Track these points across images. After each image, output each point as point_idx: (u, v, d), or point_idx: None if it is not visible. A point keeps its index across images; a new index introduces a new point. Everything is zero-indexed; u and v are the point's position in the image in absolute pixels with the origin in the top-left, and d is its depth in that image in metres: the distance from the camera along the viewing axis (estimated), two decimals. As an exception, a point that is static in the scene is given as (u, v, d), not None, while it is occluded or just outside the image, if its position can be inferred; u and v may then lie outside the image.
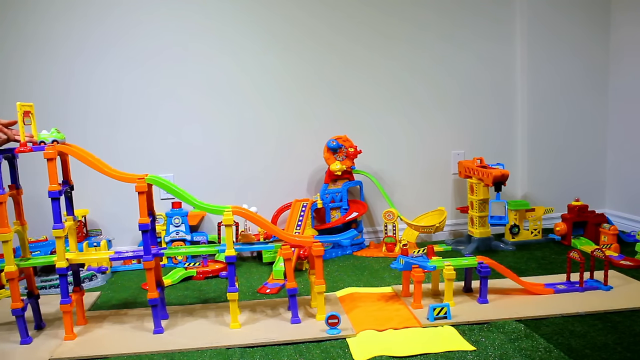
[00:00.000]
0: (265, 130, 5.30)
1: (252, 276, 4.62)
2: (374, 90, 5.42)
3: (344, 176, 5.25)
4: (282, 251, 3.55)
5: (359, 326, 3.47)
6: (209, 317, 3.75)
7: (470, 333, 3.35)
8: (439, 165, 5.59)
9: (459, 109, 5.57)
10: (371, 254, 5.09)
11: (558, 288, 3.95)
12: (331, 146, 5.16)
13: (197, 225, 5.26)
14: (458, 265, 3.83)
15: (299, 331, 3.44)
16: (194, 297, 4.20)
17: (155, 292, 3.50)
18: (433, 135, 5.55)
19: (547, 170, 5.67)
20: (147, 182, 3.46)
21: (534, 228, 5.27)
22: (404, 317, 3.60)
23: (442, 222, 5.02)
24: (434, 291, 4.02)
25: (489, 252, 4.98)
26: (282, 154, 5.34)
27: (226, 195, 5.27)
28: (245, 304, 3.96)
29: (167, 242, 4.92)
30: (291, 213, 5.02)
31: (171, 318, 3.75)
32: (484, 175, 4.91)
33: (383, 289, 4.16)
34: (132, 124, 5.11)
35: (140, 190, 3.42)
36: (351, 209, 5.25)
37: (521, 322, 3.46)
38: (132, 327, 3.64)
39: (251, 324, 3.59)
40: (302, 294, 4.10)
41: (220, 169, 5.27)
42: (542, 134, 5.61)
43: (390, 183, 5.53)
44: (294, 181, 5.38)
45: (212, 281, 4.56)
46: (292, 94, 5.31)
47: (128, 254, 3.59)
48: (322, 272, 3.57)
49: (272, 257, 4.92)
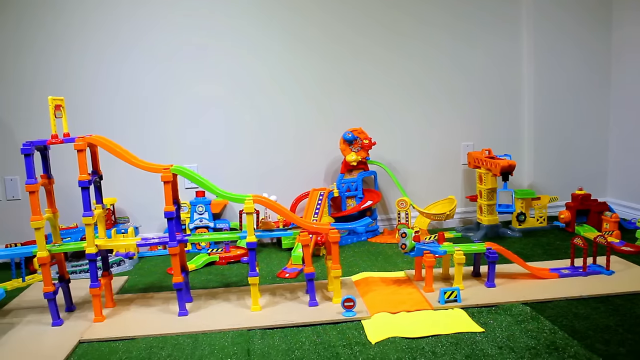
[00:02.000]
0: (285, 123, 5.28)
1: (272, 261, 4.61)
2: (388, 85, 5.39)
3: (359, 166, 5.23)
4: (301, 238, 3.54)
5: (373, 309, 3.46)
6: (231, 300, 3.74)
7: (479, 315, 3.33)
8: (449, 156, 5.56)
9: (469, 103, 5.53)
10: (385, 241, 5.06)
11: (562, 272, 3.92)
12: (347, 138, 5.13)
13: (219, 213, 5.25)
14: (467, 250, 3.80)
15: (317, 313, 3.43)
16: (217, 281, 4.20)
17: (180, 276, 3.49)
18: (444, 128, 5.52)
19: (552, 161, 5.63)
20: (172, 172, 3.46)
21: (540, 216, 5.24)
22: (416, 300, 3.58)
23: (452, 210, 4.99)
24: (445, 275, 4.00)
25: (497, 239, 4.95)
26: (300, 146, 5.32)
27: (247, 184, 5.26)
28: (265, 287, 3.95)
29: (191, 229, 4.92)
30: (309, 202, 5.01)
31: (195, 301, 3.74)
32: (492, 165, 4.88)
33: (396, 274, 4.14)
34: (158, 117, 5.10)
35: (165, 180, 3.41)
36: (366, 198, 5.23)
37: (527, 305, 3.43)
38: (158, 309, 3.64)
39: (271, 306, 3.58)
40: (319, 278, 4.09)
41: (242, 160, 5.25)
42: (547, 126, 5.57)
43: (403, 173, 5.50)
44: (311, 171, 5.36)
45: (233, 266, 4.55)
46: (310, 89, 5.28)
47: (154, 240, 3.59)
48: (338, 257, 3.56)
49: (291, 243, 4.91)
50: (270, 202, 3.59)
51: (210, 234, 3.70)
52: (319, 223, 4.13)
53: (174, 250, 3.46)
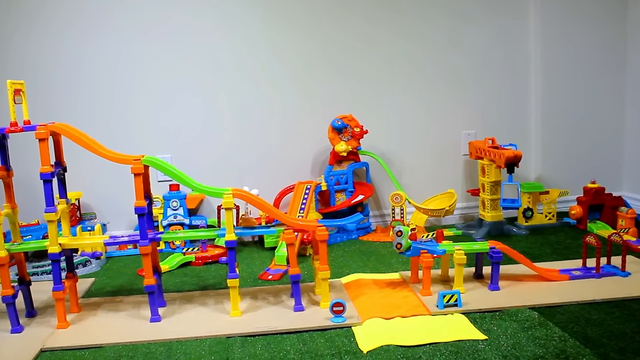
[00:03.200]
0: (268, 110, 5.27)
1: (254, 262, 4.62)
2: (381, 68, 5.39)
3: (349, 157, 5.23)
4: (285, 236, 3.54)
5: (365, 314, 3.46)
6: (208, 304, 3.74)
7: (481, 321, 3.34)
8: (448, 145, 5.57)
9: (470, 87, 5.54)
10: (378, 239, 5.08)
11: (573, 274, 3.94)
12: (336, 126, 5.13)
13: (195, 209, 5.25)
14: (469, 250, 3.81)
15: (303, 319, 3.44)
16: (193, 283, 4.20)
17: (152, 278, 3.49)
18: (443, 115, 5.53)
19: (561, 151, 5.65)
20: (144, 164, 3.46)
21: (548, 211, 5.26)
22: (412, 305, 3.59)
23: (452, 205, 5.01)
24: (444, 277, 4.01)
25: (501, 237, 4.97)
26: (284, 134, 5.32)
27: (226, 177, 5.26)
28: (246, 290, 3.96)
29: (164, 226, 4.92)
30: (294, 196, 5.01)
31: (169, 306, 3.75)
32: (495, 156, 4.89)
33: (390, 275, 4.16)
34: (127, 102, 5.08)
35: (136, 172, 3.41)
36: (357, 192, 5.23)
37: (535, 309, 3.45)
38: (127, 315, 3.63)
39: (252, 311, 3.59)
40: (305, 281, 4.10)
41: (220, 150, 5.25)
42: (557, 112, 5.58)
43: (397, 164, 5.51)
44: (297, 162, 5.36)
45: (211, 267, 4.55)
46: (296, 72, 5.28)
47: (123, 238, 3.59)
48: (327, 257, 3.56)
49: (274, 242, 4.91)
50: (252, 197, 3.59)
51: (186, 231, 3.70)
52: (305, 219, 4.13)
53: (145, 250, 3.46)
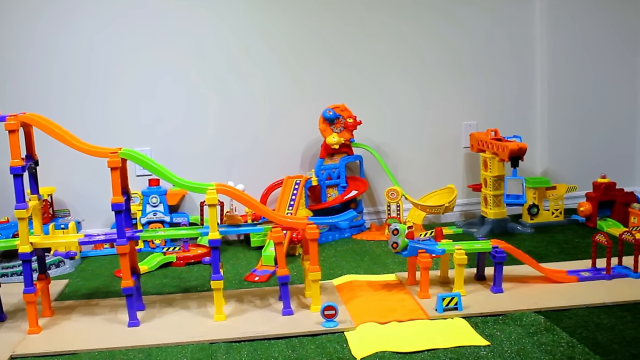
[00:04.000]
0: (254, 99, 5.27)
1: (239, 262, 4.62)
2: (376, 54, 5.39)
3: (341, 150, 5.23)
4: (273, 234, 3.54)
5: (358, 318, 3.47)
6: (190, 308, 3.74)
7: (483, 326, 3.35)
8: (448, 137, 5.58)
9: (472, 75, 5.54)
10: (372, 238, 5.08)
11: (582, 275, 3.94)
12: (327, 116, 5.13)
13: (177, 205, 5.25)
14: (470, 249, 3.81)
15: (292, 324, 3.44)
16: (174, 285, 4.20)
17: (130, 280, 3.49)
18: (442, 104, 5.53)
19: (569, 143, 5.65)
20: (121, 157, 3.45)
21: (555, 208, 5.26)
22: (409, 308, 3.60)
23: (452, 201, 5.01)
24: (443, 279, 4.01)
25: (505, 235, 4.98)
26: (272, 125, 5.32)
27: (210, 171, 5.25)
28: (231, 293, 3.95)
29: (143, 224, 4.92)
30: (282, 191, 5.00)
31: (148, 309, 3.74)
32: (499, 148, 4.89)
33: (386, 277, 4.16)
34: (103, 91, 5.07)
35: (113, 166, 3.40)
36: (350, 187, 5.24)
37: (541, 313, 3.45)
38: (104, 319, 3.63)
39: (237, 315, 3.59)
40: (294, 282, 4.10)
41: (203, 142, 5.24)
42: (565, 102, 5.59)
43: (393, 158, 5.52)
44: (285, 156, 5.36)
45: (193, 268, 4.55)
46: (284, 57, 5.27)
47: (99, 237, 3.58)
48: (317, 257, 3.57)
49: (261, 241, 4.90)
50: (237, 192, 3.59)
51: (166, 229, 3.70)
52: (295, 217, 4.13)
53: (123, 249, 3.45)
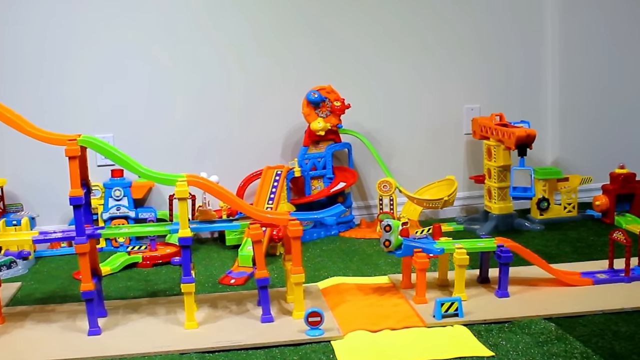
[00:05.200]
0: (230, 80, 5.27)
1: (213, 263, 4.63)
2: (367, 30, 5.39)
3: (327, 137, 5.23)
4: (250, 231, 3.53)
5: (347, 326, 3.47)
6: (158, 314, 3.74)
7: (487, 335, 3.35)
8: (448, 123, 5.59)
9: (474, 53, 5.55)
10: (362, 235, 5.10)
11: (598, 278, 3.95)
12: (312, 99, 5.12)
13: (143, 199, 5.24)
14: (472, 248, 3.82)
15: (272, 332, 3.44)
16: (139, 289, 4.20)
17: (90, 283, 3.48)
18: (441, 86, 5.54)
19: (583, 129, 5.66)
20: (80, 145, 3.43)
21: (568, 202, 5.28)
22: (403, 315, 3.60)
23: (452, 194, 5.01)
24: (442, 282, 4.03)
25: (511, 233, 4.98)
26: (250, 109, 5.31)
27: (180, 160, 5.24)
28: (203, 297, 3.96)
29: (105, 219, 4.91)
30: (261, 183, 5.01)
31: (110, 315, 3.73)
32: (504, 135, 4.89)
33: (377, 279, 4.17)
34: (60, 72, 5.05)
35: (71, 155, 3.39)
36: (337, 179, 5.24)
37: (551, 320, 3.46)
38: (61, 327, 3.61)
39: (211, 322, 3.59)
40: (275, 286, 4.10)
41: (173, 129, 5.24)
42: (578, 83, 5.60)
43: (386, 146, 5.52)
44: (264, 143, 5.36)
45: (161, 269, 4.55)
46: (263, 33, 5.27)
47: (56, 234, 3.58)
48: (301, 257, 3.56)
49: (237, 239, 4.90)
50: (210, 185, 3.59)
51: (131, 226, 3.71)
52: (275, 212, 4.13)
53: (82, 249, 3.45)
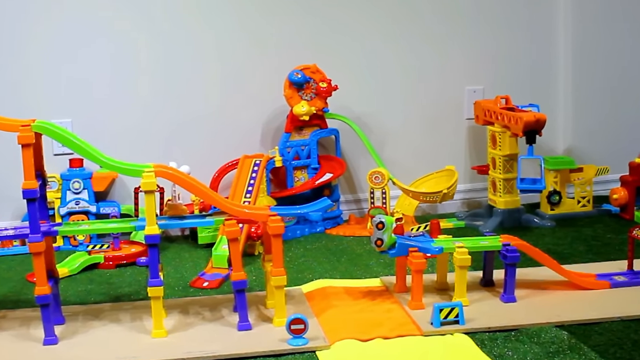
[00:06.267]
0: (203, 58, 5.26)
1: (183, 264, 4.64)
2: (357, 2, 5.40)
3: (312, 122, 5.23)
4: (226, 228, 3.52)
5: (334, 334, 3.46)
6: (122, 321, 3.73)
7: (491, 344, 3.35)
8: (447, 107, 5.60)
9: (477, 29, 5.56)
10: (351, 233, 5.11)
11: (616, 280, 3.97)
12: (295, 80, 5.12)
13: (105, 192, 5.23)
14: (474, 247, 3.82)
15: (250, 341, 3.44)
16: (101, 292, 4.20)
17: (46, 286, 3.47)
18: (440, 65, 5.55)
19: (599, 114, 5.68)
20: (35, 131, 3.43)
21: (582, 195, 5.30)
22: (397, 322, 3.60)
23: (452, 187, 5.02)
24: (441, 285, 4.03)
25: (518, 230, 4.98)
26: (225, 91, 5.32)
27: (147, 148, 5.22)
28: (173, 302, 3.96)
29: (62, 215, 4.92)
30: (238, 175, 5.01)
31: (69, 322, 3.72)
32: (511, 120, 4.89)
33: (368, 282, 4.18)
34: (11, 49, 5.03)
35: (24, 142, 3.38)
36: (323, 169, 5.25)
37: (564, 328, 3.46)
38: (13, 335, 3.61)
39: (182, 331, 3.59)
40: (253, 289, 4.11)
41: (138, 113, 5.23)
42: (593, 62, 5.61)
43: (378, 132, 5.53)
44: (241, 129, 5.36)
45: (126, 271, 4.56)
46: (241, 7, 5.27)
47: (7, 232, 3.58)
48: (282, 257, 3.57)
49: (211, 237, 4.90)
50: (181, 176, 3.59)
51: (92, 222, 3.70)
52: (254, 206, 4.14)
53: (37, 248, 3.44)
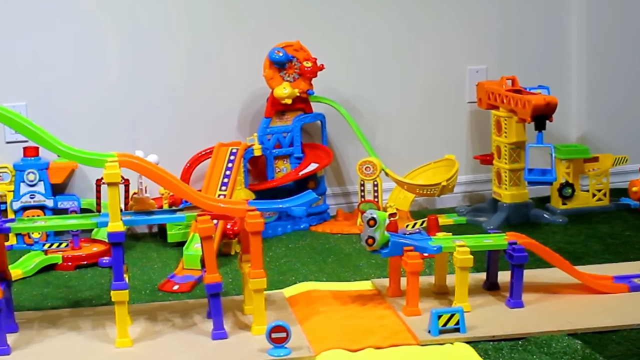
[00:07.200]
0: (171, 34, 5.26)
1: (151, 264, 4.64)
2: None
3: (295, 106, 5.23)
4: (198, 225, 3.51)
5: (319, 344, 3.45)
6: (82, 328, 3.71)
7: (496, 354, 3.34)
8: (447, 89, 5.60)
9: (479, 2, 5.57)
10: (339, 230, 5.12)
11: (635, 283, 3.97)
12: (276, 59, 5.11)
13: (63, 184, 5.22)
14: (477, 246, 3.81)
15: (225, 351, 3.43)
16: (59, 297, 4.18)
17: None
18: (439, 43, 5.56)
19: (617, 97, 5.69)
20: (-18, 115, 3.42)
21: (598, 188, 5.29)
22: (391, 330, 3.59)
23: (452, 179, 5.01)
24: (439, 288, 4.02)
25: (526, 227, 4.99)
26: (197, 72, 5.32)
27: (110, 136, 5.22)
28: (140, 308, 3.94)
29: (15, 210, 4.92)
30: (212, 165, 5.00)
31: (22, 330, 3.70)
32: (518, 104, 4.89)
33: (358, 285, 4.17)
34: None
35: (-29, 129, 3.38)
36: (307, 159, 5.26)
37: (577, 337, 3.45)
38: (-42, 346, 3.61)
39: (149, 340, 3.57)
40: (229, 293, 4.10)
41: (100, 96, 5.22)
42: (610, 39, 5.61)
43: (369, 117, 5.53)
44: (216, 114, 5.37)
45: (86, 272, 4.54)
46: (214, -25, 5.28)
47: (-50, 229, 3.56)
48: (262, 258, 3.55)
49: (182, 235, 4.90)
50: (148, 166, 3.57)
51: (49, 218, 3.68)
52: (230, 200, 4.13)
53: (-15, 247, 3.43)
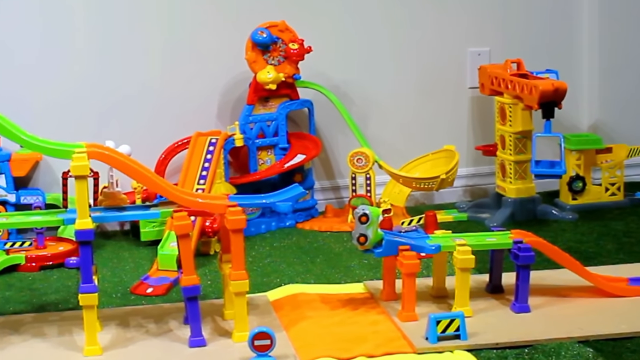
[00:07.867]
0: (145, 14, 5.25)
1: (123, 265, 4.63)
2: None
3: (280, 92, 5.23)
4: (174, 222, 3.48)
5: (307, 352, 3.42)
6: (47, 335, 3.69)
7: (500, 363, 3.33)
8: (446, 73, 5.61)
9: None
10: (328, 227, 5.12)
11: (651, 285, 3.96)
12: (259, 40, 5.11)
13: (26, 178, 5.21)
14: (479, 245, 3.80)
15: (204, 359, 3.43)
16: (22, 301, 4.17)
17: (-49, 293, 3.45)
18: (437, 23, 5.56)
19: (631, 82, 5.69)
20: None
21: (611, 182, 5.28)
22: (385, 337, 3.57)
23: (451, 171, 5.00)
24: (438, 291, 4.01)
25: (533, 224, 4.99)
26: (173, 56, 5.32)
27: (78, 124, 5.22)
28: (111, 313, 3.92)
29: (-26, 206, 4.89)
30: (189, 156, 5.00)
31: (-19, 338, 3.71)
32: (524, 90, 4.87)
33: (349, 287, 4.17)
34: None
35: None
36: (293, 149, 5.25)
37: (588, 344, 3.42)
38: None
39: (120, 347, 3.55)
40: (208, 297, 4.09)
41: (68, 82, 5.21)
42: (624, 19, 5.61)
43: (362, 104, 5.52)
44: (193, 101, 5.37)
45: (52, 274, 4.53)
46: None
47: None
48: (244, 258, 3.53)
49: (156, 233, 4.90)
50: (120, 158, 3.54)
51: (10, 215, 3.67)
52: (209, 195, 4.11)
53: (-59, 246, 3.42)
